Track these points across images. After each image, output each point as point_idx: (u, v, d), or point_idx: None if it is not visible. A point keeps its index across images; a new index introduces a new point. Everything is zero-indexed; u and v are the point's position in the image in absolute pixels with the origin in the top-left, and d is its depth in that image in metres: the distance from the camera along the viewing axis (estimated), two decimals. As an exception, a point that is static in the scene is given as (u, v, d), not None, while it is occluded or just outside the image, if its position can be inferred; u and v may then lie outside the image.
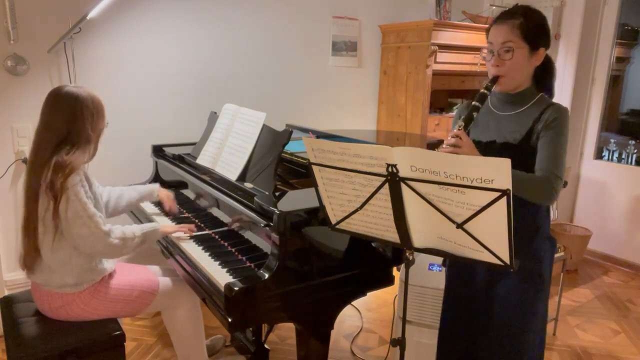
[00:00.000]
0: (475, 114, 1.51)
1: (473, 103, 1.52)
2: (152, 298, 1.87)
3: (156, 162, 2.59)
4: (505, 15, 1.50)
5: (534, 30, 1.47)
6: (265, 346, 2.31)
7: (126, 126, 2.81)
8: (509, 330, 1.57)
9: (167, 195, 2.19)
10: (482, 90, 1.51)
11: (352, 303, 1.94)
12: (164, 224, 2.01)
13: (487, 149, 1.56)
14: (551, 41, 1.53)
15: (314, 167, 1.33)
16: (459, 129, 1.46)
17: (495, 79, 1.51)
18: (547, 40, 1.51)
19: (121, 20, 2.76)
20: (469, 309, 1.67)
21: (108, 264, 1.82)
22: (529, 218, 1.53)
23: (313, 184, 1.37)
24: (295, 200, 1.69)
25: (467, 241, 1.18)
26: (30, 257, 1.70)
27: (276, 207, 1.54)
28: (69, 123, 1.66)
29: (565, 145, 1.46)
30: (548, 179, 1.43)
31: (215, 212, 2.03)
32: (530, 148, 1.48)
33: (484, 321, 1.62)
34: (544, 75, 1.57)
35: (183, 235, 1.93)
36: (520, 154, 1.48)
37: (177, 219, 2.15)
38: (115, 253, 1.73)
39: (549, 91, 1.59)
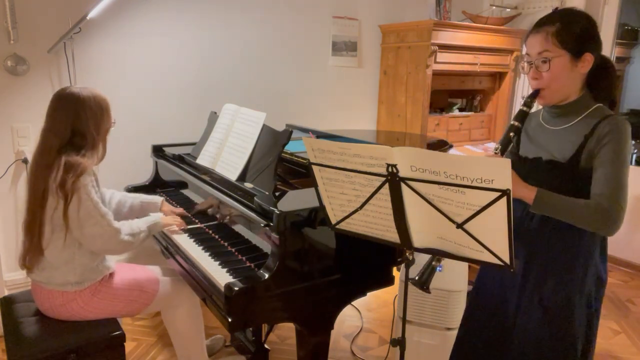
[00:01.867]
0: (513, 134, 1.36)
1: (511, 123, 1.38)
2: (152, 298, 1.88)
3: (156, 162, 2.59)
4: (541, 22, 1.35)
5: (574, 36, 1.30)
6: (265, 346, 2.31)
7: (126, 126, 2.81)
8: None
9: (171, 211, 2.12)
10: (521, 107, 1.38)
11: (352, 303, 1.94)
12: (164, 217, 2.01)
13: (531, 166, 1.42)
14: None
15: (314, 167, 1.33)
16: (495, 152, 1.35)
17: (535, 93, 1.37)
18: (593, 44, 1.33)
19: (121, 20, 2.76)
20: (490, 336, 1.55)
21: (109, 263, 1.83)
22: (572, 237, 1.37)
23: (313, 184, 1.37)
24: (295, 200, 1.69)
25: (467, 241, 1.18)
26: (32, 256, 1.70)
27: (276, 207, 1.54)
28: (73, 124, 1.67)
29: (625, 165, 1.26)
30: (602, 207, 1.24)
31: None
32: (581, 168, 1.31)
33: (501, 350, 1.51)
34: (601, 81, 1.38)
35: (177, 230, 1.97)
36: (570, 174, 1.33)
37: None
38: (126, 249, 1.78)
39: (611, 101, 1.41)
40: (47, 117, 1.71)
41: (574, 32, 1.31)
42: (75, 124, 1.67)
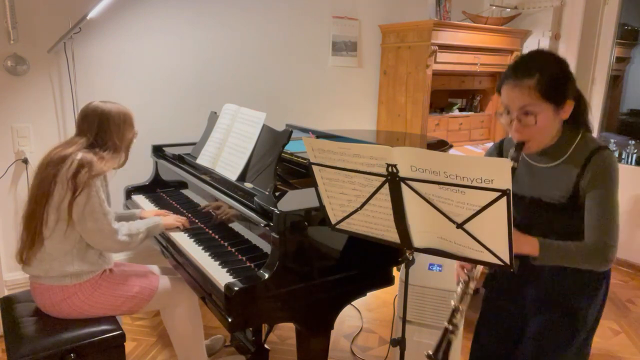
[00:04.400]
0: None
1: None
2: (152, 295, 1.89)
3: (156, 162, 2.59)
4: (518, 75, 1.28)
5: (555, 85, 1.27)
6: (265, 346, 2.31)
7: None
8: None
9: (153, 212, 2.17)
10: (510, 163, 1.38)
11: (352, 303, 1.94)
12: (164, 218, 2.04)
13: (530, 207, 1.42)
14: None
15: (314, 167, 1.33)
16: None
17: (520, 146, 1.33)
18: (571, 88, 1.31)
19: (121, 20, 2.76)
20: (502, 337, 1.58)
21: (108, 258, 1.87)
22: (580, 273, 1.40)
23: (313, 184, 1.37)
24: (295, 200, 1.68)
25: (467, 241, 1.18)
26: (32, 247, 1.73)
27: (276, 207, 1.54)
28: (97, 133, 1.81)
29: (616, 205, 1.30)
30: (597, 248, 1.29)
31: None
32: (580, 205, 1.33)
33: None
34: (577, 113, 1.38)
35: (179, 228, 2.01)
36: (571, 214, 1.35)
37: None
38: (123, 248, 1.84)
39: (585, 126, 1.41)
40: (76, 126, 1.88)
41: (554, 82, 1.27)
42: (99, 133, 1.81)
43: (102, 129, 1.81)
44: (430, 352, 1.33)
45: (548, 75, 1.26)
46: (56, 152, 1.76)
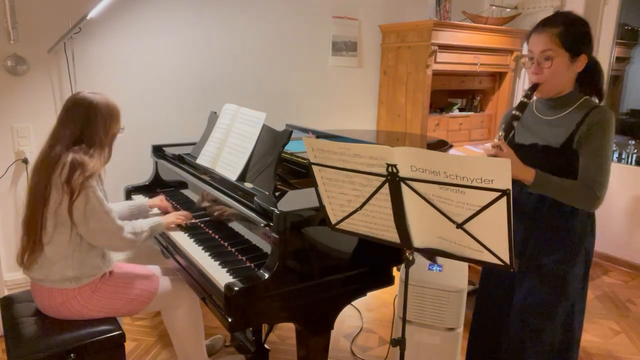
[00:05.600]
0: (515, 123, 1.51)
1: (513, 112, 1.52)
2: (152, 296, 1.88)
3: (156, 162, 2.59)
4: (545, 23, 1.50)
5: (574, 38, 1.46)
6: (265, 346, 2.31)
7: (126, 126, 2.80)
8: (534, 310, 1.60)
9: (160, 199, 2.24)
10: (522, 99, 1.51)
11: (352, 303, 1.94)
12: (165, 216, 2.04)
13: (529, 152, 1.57)
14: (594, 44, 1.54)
15: (314, 167, 1.33)
16: (499, 139, 1.47)
17: (534, 87, 1.52)
18: (588, 47, 1.51)
19: (121, 20, 2.76)
20: (499, 303, 1.73)
21: (109, 261, 1.85)
22: (566, 216, 1.56)
23: (313, 184, 1.37)
24: (295, 200, 1.69)
25: (467, 241, 1.18)
26: (32, 252, 1.72)
27: (276, 207, 1.54)
28: (83, 126, 1.74)
29: (609, 152, 1.46)
30: (591, 187, 1.44)
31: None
32: (573, 151, 1.49)
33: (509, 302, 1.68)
34: (591, 78, 1.57)
35: (181, 225, 2.01)
36: (563, 157, 1.50)
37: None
38: (127, 247, 1.82)
39: (598, 93, 1.60)
40: (58, 118, 1.78)
41: (574, 35, 1.47)
42: (87, 126, 1.74)
43: (88, 123, 1.74)
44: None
45: (570, 28, 1.46)
46: (46, 153, 1.71)
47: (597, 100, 1.60)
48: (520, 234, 1.62)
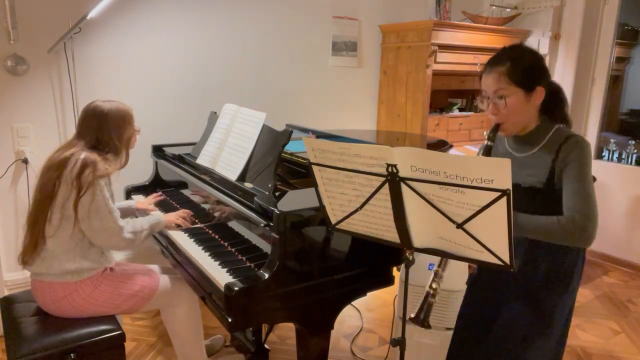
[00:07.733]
0: None
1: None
2: (152, 293, 1.89)
3: (156, 162, 2.59)
4: (492, 62, 1.45)
5: (524, 73, 1.40)
6: (265, 346, 2.31)
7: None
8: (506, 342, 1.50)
9: (148, 202, 2.27)
10: (486, 142, 1.46)
11: (352, 303, 1.94)
12: (166, 214, 2.05)
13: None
14: (547, 73, 1.46)
15: (314, 167, 1.33)
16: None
17: (496, 128, 1.46)
18: (542, 77, 1.44)
19: (121, 20, 2.76)
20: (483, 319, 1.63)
21: (109, 257, 1.88)
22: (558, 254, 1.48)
23: (313, 184, 1.37)
24: (295, 200, 1.69)
25: (467, 241, 1.18)
26: (35, 246, 1.74)
27: (276, 207, 1.54)
28: (97, 134, 1.81)
29: (590, 180, 1.37)
30: (573, 219, 1.33)
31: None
32: (557, 190, 1.41)
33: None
34: (554, 106, 1.50)
35: (181, 225, 2.01)
36: (549, 198, 1.42)
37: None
38: (128, 246, 1.85)
39: (565, 119, 1.53)
40: (77, 126, 1.89)
41: (523, 70, 1.41)
42: (100, 133, 1.81)
43: (101, 131, 1.81)
44: (412, 316, 1.43)
45: (518, 64, 1.40)
46: (57, 156, 1.76)
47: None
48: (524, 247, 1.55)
